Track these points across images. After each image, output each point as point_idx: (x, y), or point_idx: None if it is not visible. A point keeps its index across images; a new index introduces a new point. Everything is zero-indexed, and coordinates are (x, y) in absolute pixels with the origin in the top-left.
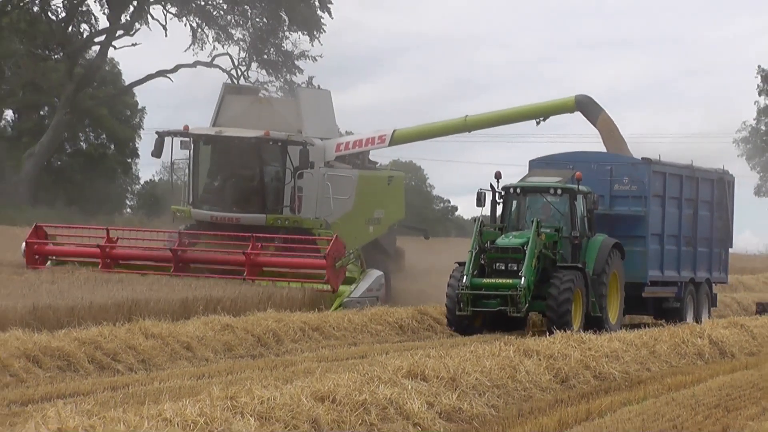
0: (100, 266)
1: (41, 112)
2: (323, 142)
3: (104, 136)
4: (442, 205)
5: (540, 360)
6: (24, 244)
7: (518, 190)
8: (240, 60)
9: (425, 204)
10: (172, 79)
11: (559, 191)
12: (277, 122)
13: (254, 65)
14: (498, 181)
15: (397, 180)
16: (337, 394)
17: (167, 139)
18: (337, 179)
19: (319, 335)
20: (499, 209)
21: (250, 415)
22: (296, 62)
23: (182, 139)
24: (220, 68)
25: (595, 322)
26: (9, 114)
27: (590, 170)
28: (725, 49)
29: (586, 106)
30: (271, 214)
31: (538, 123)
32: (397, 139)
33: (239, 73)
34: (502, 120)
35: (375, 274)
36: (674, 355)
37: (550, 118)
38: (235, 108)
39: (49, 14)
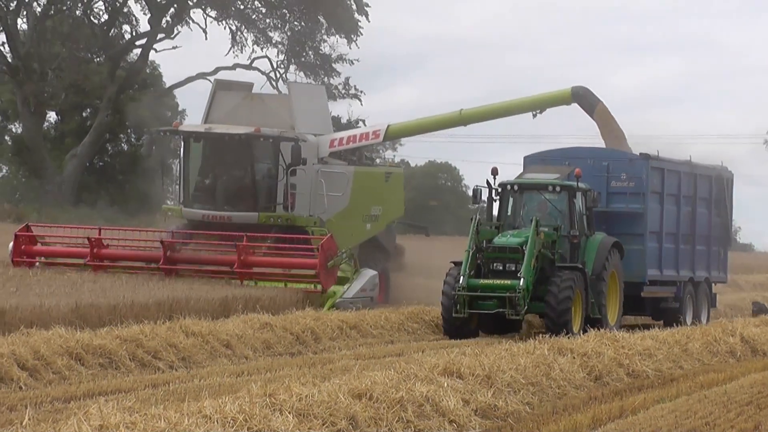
0: (87, 261)
1: (84, 114)
2: (317, 139)
3: (146, 137)
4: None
5: (574, 358)
6: (11, 243)
7: (515, 187)
8: (278, 63)
9: (460, 204)
10: (212, 81)
11: (557, 188)
12: (269, 118)
13: (292, 68)
14: (495, 178)
15: (395, 176)
16: (375, 391)
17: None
18: (331, 176)
19: (356, 333)
20: (496, 207)
21: (289, 412)
22: (333, 65)
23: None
24: (259, 71)
25: (594, 324)
26: (52, 116)
27: (587, 166)
28: (757, 50)
29: (582, 98)
30: (263, 212)
31: (534, 116)
32: (392, 134)
33: (278, 75)
34: (498, 113)
35: (369, 273)
36: (706, 353)
37: (547, 110)
38: (227, 104)
39: (92, 18)
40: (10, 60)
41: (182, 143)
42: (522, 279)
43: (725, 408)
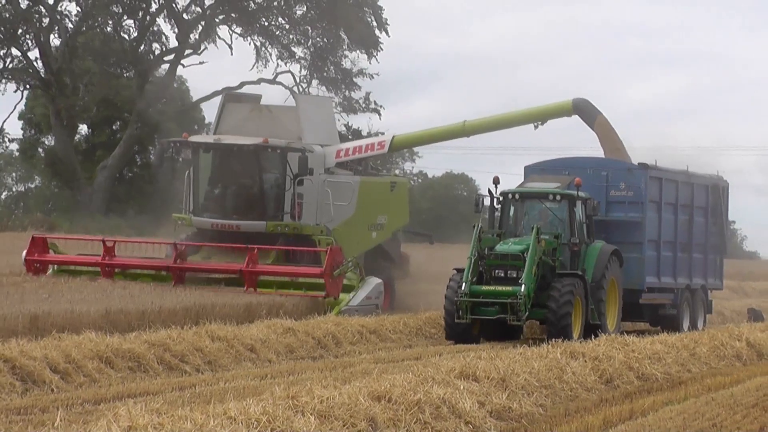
0: (100, 260)
1: (114, 127)
2: (323, 149)
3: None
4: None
5: (586, 361)
6: (24, 253)
7: (517, 196)
8: (301, 77)
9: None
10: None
11: (558, 197)
12: (277, 129)
13: (315, 82)
14: (496, 187)
15: (400, 186)
16: (393, 393)
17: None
18: (338, 185)
19: (376, 338)
20: (497, 215)
21: (311, 414)
22: (354, 79)
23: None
24: (283, 85)
25: (593, 330)
26: (83, 129)
27: (586, 176)
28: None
29: (583, 110)
30: (271, 221)
31: (536, 127)
32: (397, 144)
33: (301, 89)
34: (501, 124)
35: (374, 282)
36: (714, 357)
37: (548, 122)
38: (236, 116)
39: (122, 34)
40: (43, 75)
41: (192, 154)
42: (523, 285)
43: (732, 410)
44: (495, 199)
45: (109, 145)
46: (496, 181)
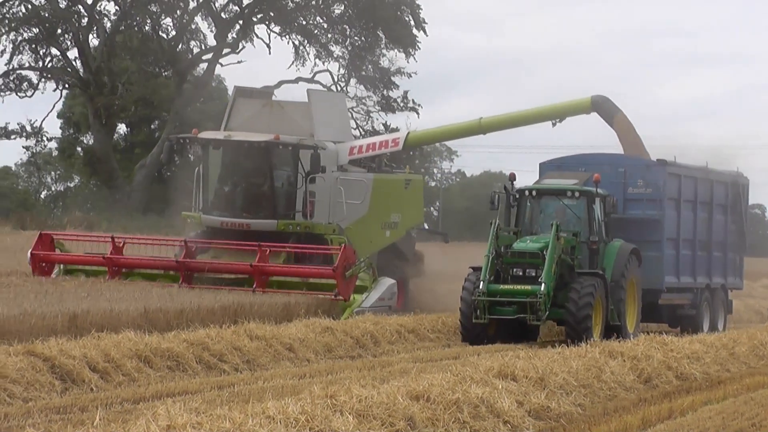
0: (105, 256)
1: (152, 126)
2: (336, 146)
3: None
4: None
5: (624, 361)
6: (29, 253)
7: (533, 193)
8: (339, 76)
9: None
10: (276, 94)
11: (576, 194)
12: (288, 126)
13: (353, 81)
14: (513, 184)
15: (415, 183)
16: (432, 393)
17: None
18: (351, 183)
19: (414, 337)
20: (514, 213)
21: (349, 413)
22: (392, 78)
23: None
24: (321, 84)
25: (612, 331)
26: (122, 128)
27: (603, 173)
28: None
29: (602, 107)
30: (282, 219)
31: (554, 124)
32: (411, 141)
33: (339, 88)
34: (518, 122)
35: (387, 282)
36: (753, 357)
37: (566, 119)
38: (247, 112)
39: (160, 34)
40: (82, 74)
41: (201, 151)
42: (543, 284)
43: None
44: (511, 196)
45: (147, 144)
46: (512, 178)
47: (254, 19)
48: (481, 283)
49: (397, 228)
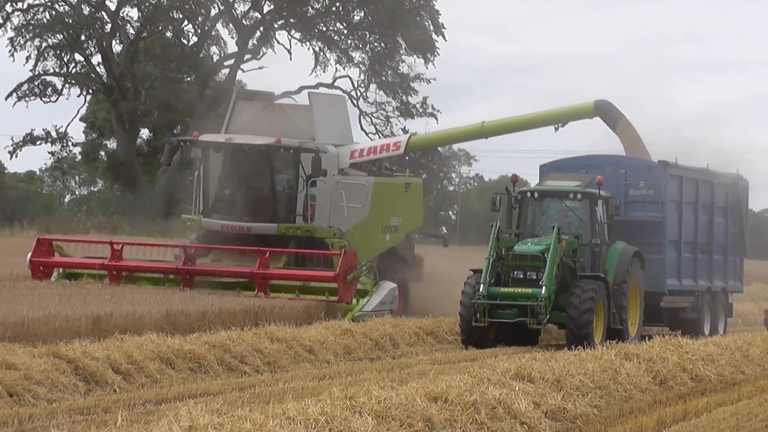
0: (105, 263)
1: (174, 131)
2: (337, 149)
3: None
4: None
5: (640, 363)
6: (29, 255)
7: (535, 195)
8: (359, 82)
9: None
10: (296, 99)
11: (579, 196)
12: (289, 129)
13: (372, 86)
14: (514, 185)
15: (414, 187)
16: (450, 394)
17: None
18: (352, 187)
19: (432, 339)
20: (516, 215)
21: (368, 414)
22: (412, 84)
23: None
24: (341, 89)
25: (614, 335)
26: (145, 132)
27: (604, 174)
28: None
29: (605, 111)
30: (283, 223)
31: (556, 129)
32: (413, 145)
33: (359, 94)
34: (520, 126)
35: (388, 286)
36: (767, 359)
37: (569, 124)
38: (247, 114)
39: (182, 40)
40: (105, 80)
41: (202, 153)
42: (544, 287)
43: None
44: (513, 198)
45: None
46: (514, 180)
47: (275, 26)
48: (482, 285)
49: (396, 231)
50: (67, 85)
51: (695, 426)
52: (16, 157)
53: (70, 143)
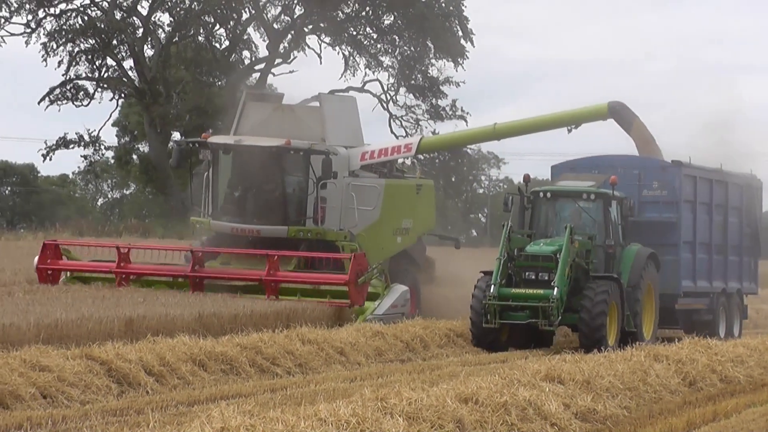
0: (113, 270)
1: None
2: (347, 151)
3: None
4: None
5: (669, 364)
6: (35, 260)
7: (548, 195)
8: (389, 85)
9: None
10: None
11: (592, 196)
12: (299, 130)
13: (402, 90)
14: (527, 185)
15: (426, 189)
16: (480, 395)
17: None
18: (362, 189)
19: (463, 341)
20: (528, 215)
21: (399, 416)
22: (441, 87)
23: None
24: (371, 93)
25: (629, 338)
26: (177, 136)
27: (617, 175)
28: None
29: (619, 113)
30: (293, 225)
31: (569, 131)
32: (424, 147)
33: (388, 97)
34: (533, 127)
35: (400, 289)
36: None
37: (582, 125)
38: (257, 116)
39: (214, 44)
40: (137, 84)
41: (211, 155)
42: (556, 288)
43: None
44: (525, 198)
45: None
46: (526, 180)
47: (305, 30)
48: (492, 287)
49: (408, 234)
50: (99, 90)
51: (725, 427)
52: (50, 160)
53: (102, 147)
